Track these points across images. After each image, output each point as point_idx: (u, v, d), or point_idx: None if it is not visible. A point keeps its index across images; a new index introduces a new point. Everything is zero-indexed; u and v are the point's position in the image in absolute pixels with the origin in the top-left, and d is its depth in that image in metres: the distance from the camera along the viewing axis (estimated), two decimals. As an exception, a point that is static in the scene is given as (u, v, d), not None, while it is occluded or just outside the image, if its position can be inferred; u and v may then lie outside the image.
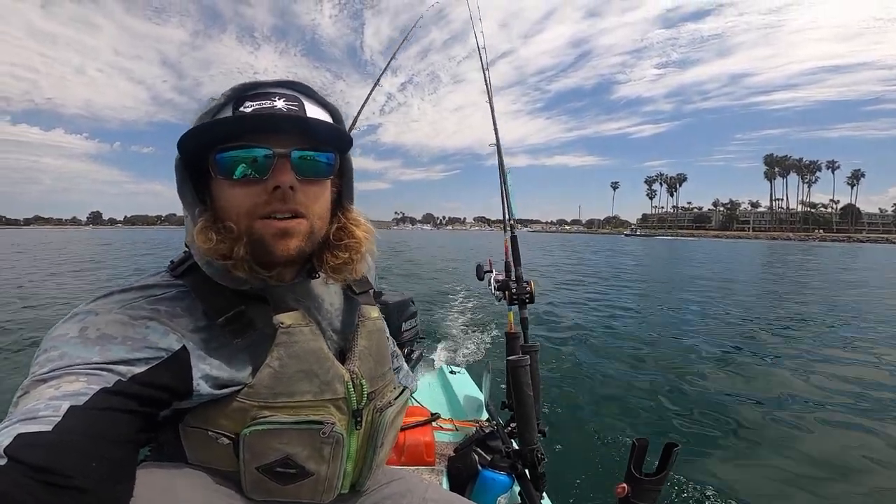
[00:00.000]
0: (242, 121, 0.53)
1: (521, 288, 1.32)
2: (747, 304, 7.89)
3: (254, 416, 0.55)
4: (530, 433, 1.14)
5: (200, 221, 0.54)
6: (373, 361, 0.68)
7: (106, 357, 0.45)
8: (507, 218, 1.51)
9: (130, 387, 0.45)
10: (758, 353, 4.64)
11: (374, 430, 0.67)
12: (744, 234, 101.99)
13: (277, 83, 0.57)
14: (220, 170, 0.53)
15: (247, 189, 0.53)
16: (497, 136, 1.67)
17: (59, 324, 0.49)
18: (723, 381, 3.78)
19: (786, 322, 6.36)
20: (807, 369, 4.06)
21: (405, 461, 1.29)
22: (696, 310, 7.13)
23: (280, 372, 0.56)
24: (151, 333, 0.49)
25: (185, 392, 0.51)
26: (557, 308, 7.07)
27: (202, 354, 0.53)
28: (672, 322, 6.31)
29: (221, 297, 0.56)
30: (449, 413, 1.77)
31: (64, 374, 0.43)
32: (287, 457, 0.57)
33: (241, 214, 0.54)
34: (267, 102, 0.54)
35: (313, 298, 0.66)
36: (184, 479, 0.54)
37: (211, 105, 0.54)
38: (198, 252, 0.55)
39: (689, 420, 2.99)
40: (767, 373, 4.02)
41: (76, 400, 0.40)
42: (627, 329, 5.81)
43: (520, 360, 1.18)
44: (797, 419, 2.96)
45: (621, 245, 41.67)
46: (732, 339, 5.28)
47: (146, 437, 0.48)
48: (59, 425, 0.38)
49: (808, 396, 3.40)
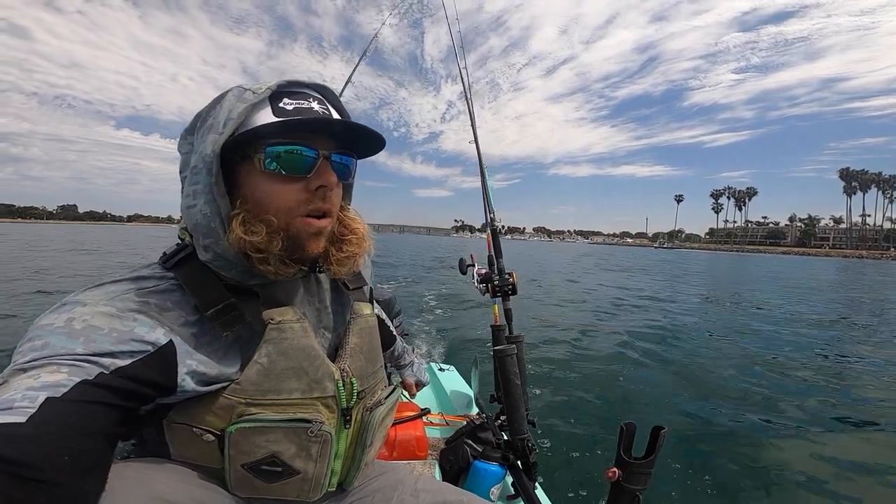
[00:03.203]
0: (304, 123, 0.55)
1: (503, 280, 1.33)
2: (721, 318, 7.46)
3: (240, 412, 0.54)
4: (520, 423, 1.15)
5: (241, 213, 0.54)
6: (364, 359, 0.68)
7: (90, 349, 0.44)
8: (488, 214, 1.53)
9: (112, 380, 0.44)
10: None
11: (363, 429, 0.67)
12: (813, 252, 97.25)
13: (309, 85, 0.59)
14: (268, 163, 0.53)
15: (289, 185, 0.54)
16: (475, 132, 1.69)
17: (47, 313, 0.48)
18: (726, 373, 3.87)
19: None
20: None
21: (397, 456, 1.29)
22: (694, 321, 6.86)
23: (268, 368, 0.56)
24: (139, 326, 0.48)
25: (169, 387, 0.50)
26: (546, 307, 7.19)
27: (189, 349, 0.52)
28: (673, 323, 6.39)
29: (212, 290, 0.55)
30: (439, 409, 1.77)
31: (45, 364, 0.42)
32: (273, 455, 0.56)
33: (281, 209, 0.54)
34: (304, 103, 0.56)
35: (306, 294, 0.65)
36: (163, 473, 0.53)
37: (247, 97, 0.53)
38: (232, 242, 0.53)
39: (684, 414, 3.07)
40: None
41: (54, 391, 0.39)
42: (617, 324, 5.92)
43: (506, 350, 1.19)
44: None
45: (648, 256, 40.91)
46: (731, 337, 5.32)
47: (125, 430, 0.47)
48: (34, 417, 0.37)
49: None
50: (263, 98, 0.54)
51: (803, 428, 2.83)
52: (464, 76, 1.85)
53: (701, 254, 72.89)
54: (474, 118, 1.73)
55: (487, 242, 1.45)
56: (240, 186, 0.55)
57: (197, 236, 0.55)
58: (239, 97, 0.54)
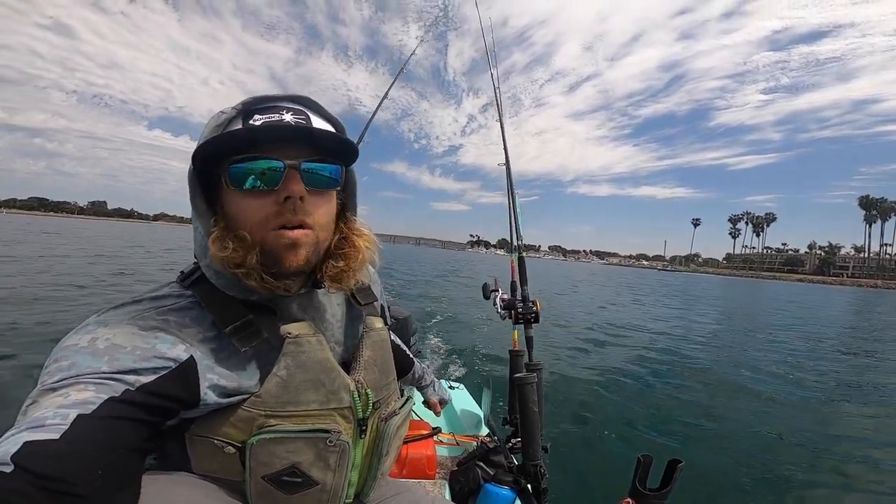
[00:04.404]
0: (254, 132, 0.54)
1: (526, 307, 1.34)
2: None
3: (260, 424, 0.56)
4: (534, 449, 1.16)
5: (215, 231, 0.55)
6: (378, 371, 0.69)
7: (114, 367, 0.45)
8: (515, 240, 1.53)
9: (138, 396, 0.45)
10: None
11: (378, 439, 0.68)
12: (829, 280, 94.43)
13: (285, 97, 0.59)
14: (233, 181, 0.54)
15: (259, 200, 0.54)
16: (507, 155, 1.68)
17: (70, 334, 0.49)
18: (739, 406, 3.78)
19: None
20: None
21: (406, 474, 1.30)
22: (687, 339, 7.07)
23: (287, 381, 0.57)
24: (160, 343, 0.50)
25: (192, 401, 0.51)
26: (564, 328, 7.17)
27: (210, 364, 0.53)
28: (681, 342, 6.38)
29: (230, 307, 0.57)
30: (448, 428, 1.77)
31: (73, 383, 0.43)
32: (293, 465, 0.57)
33: (253, 224, 0.55)
34: (276, 116, 0.55)
35: (319, 309, 0.66)
36: (185, 488, 0.54)
37: (221, 118, 0.55)
38: (211, 261, 0.55)
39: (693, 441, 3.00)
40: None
41: (84, 409, 0.41)
42: (635, 348, 5.85)
43: (527, 378, 1.19)
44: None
45: (647, 279, 40.60)
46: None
47: (152, 445, 0.48)
48: (67, 433, 0.38)
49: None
50: (234, 116, 0.55)
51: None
52: (499, 104, 1.83)
53: (714, 278, 72.66)
54: (507, 145, 1.70)
55: (511, 268, 1.45)
56: (221, 205, 0.57)
57: (200, 257, 0.58)
58: (217, 119, 0.55)
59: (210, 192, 0.58)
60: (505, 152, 1.68)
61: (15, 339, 3.94)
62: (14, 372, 3.16)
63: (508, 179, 1.63)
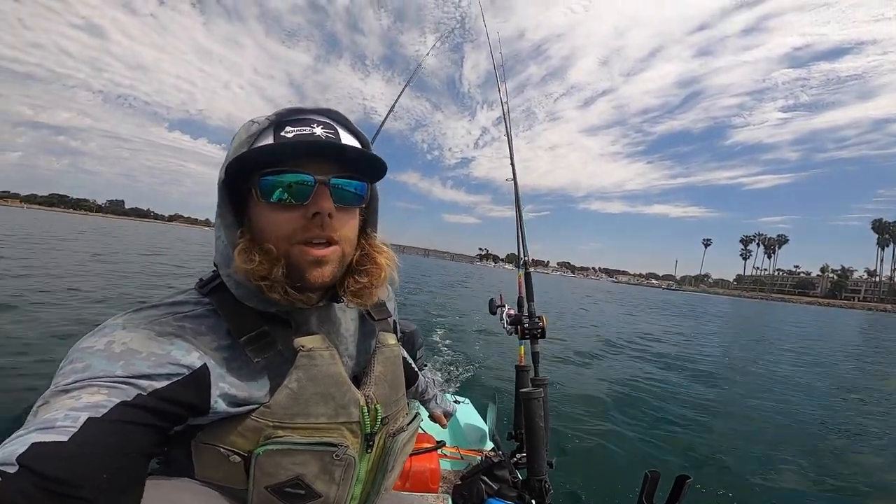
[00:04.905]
0: (289, 147, 0.54)
1: (533, 323, 1.34)
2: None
3: (268, 435, 0.56)
4: (539, 464, 1.15)
5: (242, 242, 0.55)
6: (388, 387, 0.70)
7: (128, 371, 0.46)
8: (522, 256, 1.54)
9: (149, 401, 0.45)
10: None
11: (385, 454, 0.68)
12: (838, 304, 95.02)
13: (315, 111, 0.59)
14: (263, 192, 0.55)
15: (287, 213, 0.55)
16: (514, 171, 1.70)
17: (87, 336, 0.50)
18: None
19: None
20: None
21: (409, 487, 1.29)
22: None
23: (298, 394, 0.57)
24: (175, 350, 0.50)
25: (202, 409, 0.52)
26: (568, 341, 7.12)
27: (223, 373, 0.54)
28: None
29: (246, 316, 0.57)
30: (452, 441, 1.76)
31: (86, 385, 0.43)
32: (298, 477, 0.56)
33: (280, 238, 0.55)
34: (307, 129, 0.55)
35: (333, 323, 0.67)
36: (188, 494, 0.54)
37: (253, 128, 0.55)
38: (234, 272, 0.55)
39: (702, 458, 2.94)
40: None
41: (95, 412, 0.41)
42: (638, 364, 5.77)
43: (533, 393, 1.19)
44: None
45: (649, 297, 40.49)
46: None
47: (158, 450, 0.49)
48: (76, 436, 0.39)
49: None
50: (266, 127, 0.56)
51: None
52: (507, 120, 1.85)
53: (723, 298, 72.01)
54: (515, 162, 1.72)
55: (518, 284, 1.46)
56: (249, 217, 0.58)
57: (221, 266, 0.58)
58: (248, 129, 0.55)
59: (237, 203, 0.59)
60: (512, 168, 1.70)
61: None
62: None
63: (516, 195, 1.65)
